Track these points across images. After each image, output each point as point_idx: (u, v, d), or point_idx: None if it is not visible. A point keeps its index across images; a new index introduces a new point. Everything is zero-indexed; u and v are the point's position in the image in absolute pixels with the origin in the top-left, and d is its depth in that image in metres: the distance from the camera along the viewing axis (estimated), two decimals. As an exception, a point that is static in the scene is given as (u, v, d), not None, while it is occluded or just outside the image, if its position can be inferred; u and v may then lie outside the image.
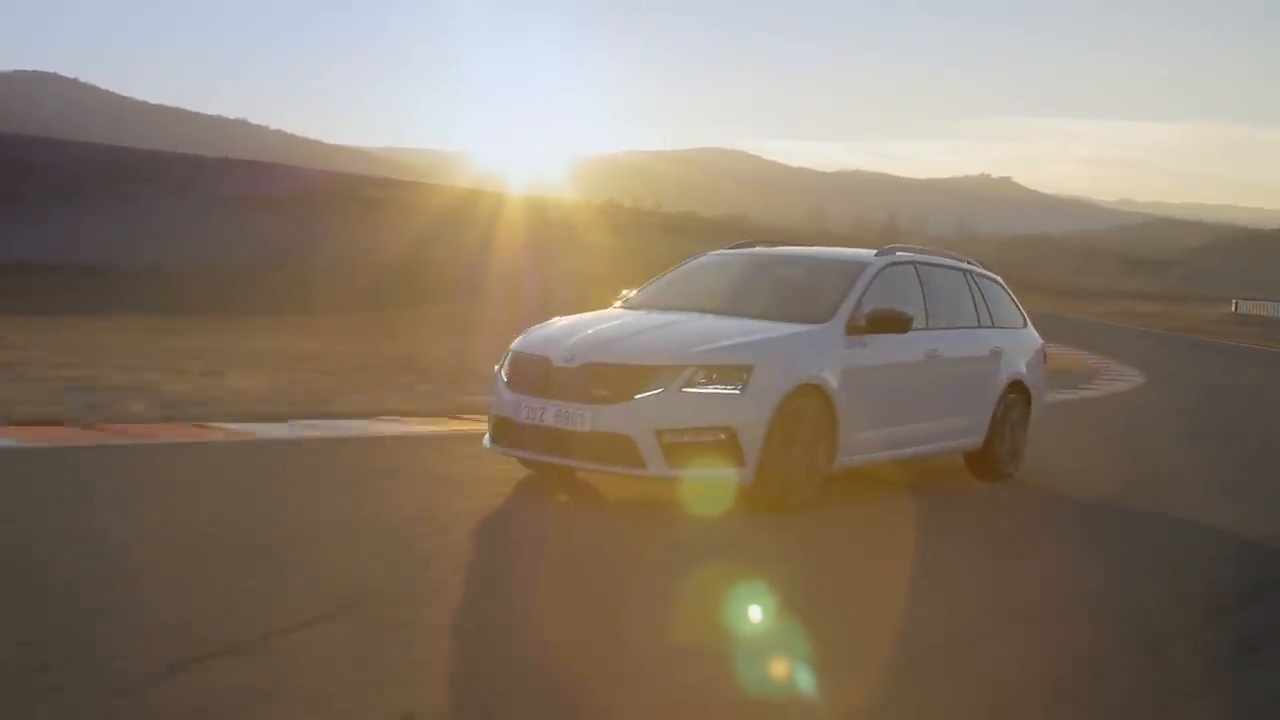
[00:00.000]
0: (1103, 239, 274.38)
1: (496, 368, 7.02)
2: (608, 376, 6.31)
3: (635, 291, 8.10)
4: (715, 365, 6.32)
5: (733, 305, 7.48)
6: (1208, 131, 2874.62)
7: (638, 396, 6.21)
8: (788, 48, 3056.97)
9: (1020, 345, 8.99)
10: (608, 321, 7.15)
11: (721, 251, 8.62)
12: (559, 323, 7.19)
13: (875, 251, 8.07)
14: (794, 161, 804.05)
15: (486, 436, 6.95)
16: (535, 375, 6.57)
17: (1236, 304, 77.58)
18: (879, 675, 4.08)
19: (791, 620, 4.59)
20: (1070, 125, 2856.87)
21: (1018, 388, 8.72)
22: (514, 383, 6.70)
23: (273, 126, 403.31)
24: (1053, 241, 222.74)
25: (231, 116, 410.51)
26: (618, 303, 7.99)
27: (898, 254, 8.08)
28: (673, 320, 7.12)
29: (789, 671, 4.03)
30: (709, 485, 6.29)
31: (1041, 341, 9.46)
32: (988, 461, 8.51)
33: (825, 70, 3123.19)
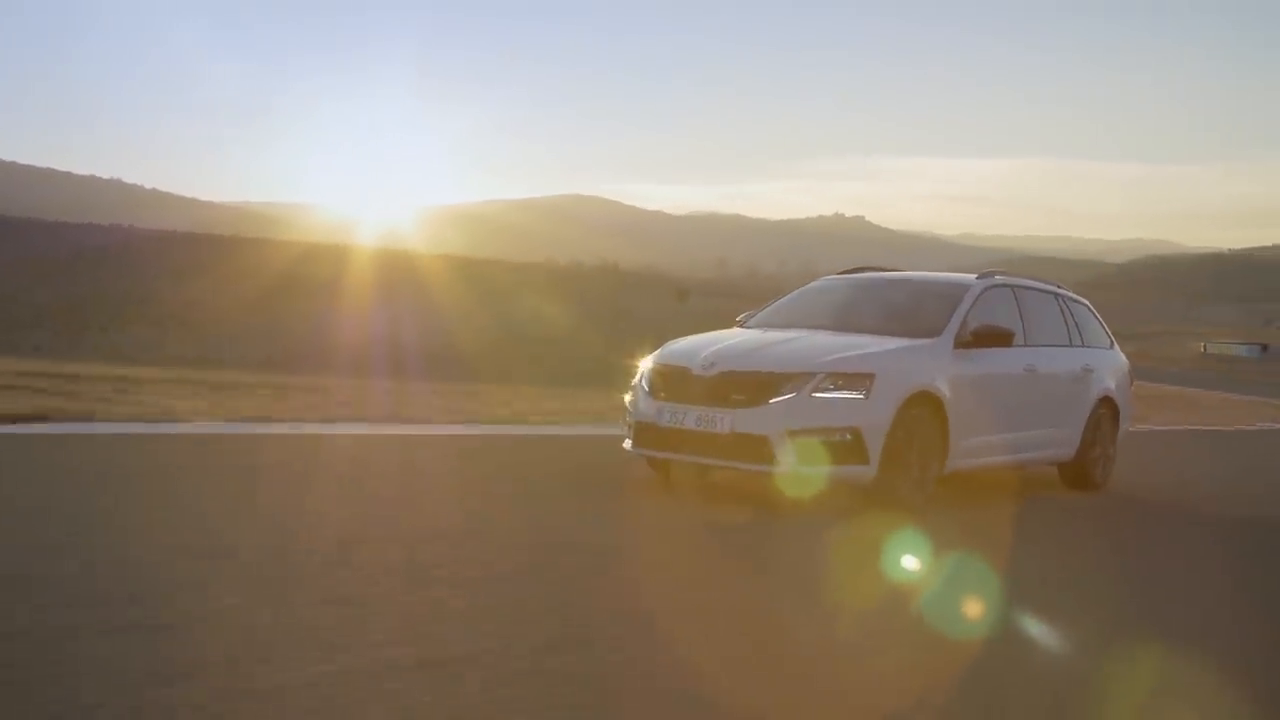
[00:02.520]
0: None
1: (634, 380, 7.49)
2: (744, 383, 6.81)
3: (753, 313, 8.59)
4: (842, 373, 6.81)
5: (846, 323, 7.92)
6: (1038, 166, 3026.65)
7: (772, 401, 6.70)
8: (639, 94, 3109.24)
9: (1109, 364, 9.49)
10: (736, 337, 7.68)
11: (831, 277, 9.16)
12: (690, 339, 7.69)
13: (976, 275, 8.53)
14: (650, 205, 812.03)
15: (627, 440, 7.39)
16: (676, 383, 7.06)
17: (1205, 346, 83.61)
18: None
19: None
20: (910, 163, 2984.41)
21: (1107, 403, 9.18)
22: (656, 390, 7.17)
23: (148, 185, 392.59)
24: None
25: (105, 176, 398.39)
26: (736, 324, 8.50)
27: (996, 277, 8.56)
28: (796, 336, 7.56)
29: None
30: (836, 482, 6.76)
31: (1128, 362, 9.98)
32: (1080, 472, 8.92)
33: (676, 115, 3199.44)
